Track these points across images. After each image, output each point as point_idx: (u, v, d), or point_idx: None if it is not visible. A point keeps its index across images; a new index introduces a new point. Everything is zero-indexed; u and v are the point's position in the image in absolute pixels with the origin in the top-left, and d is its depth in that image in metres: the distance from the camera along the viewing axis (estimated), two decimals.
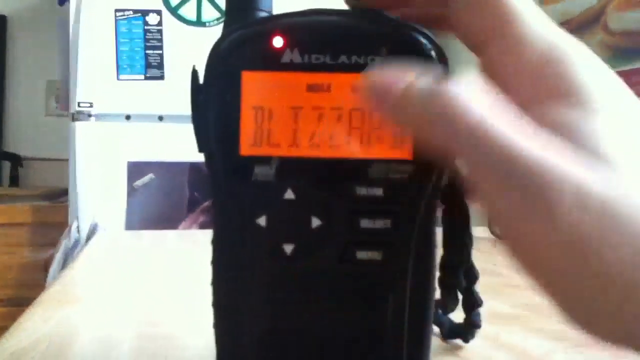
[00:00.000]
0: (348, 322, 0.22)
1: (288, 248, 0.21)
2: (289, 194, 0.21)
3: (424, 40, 0.21)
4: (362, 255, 0.21)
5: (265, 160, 0.21)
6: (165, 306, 0.39)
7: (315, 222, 0.21)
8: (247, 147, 0.21)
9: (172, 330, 0.33)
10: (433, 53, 0.21)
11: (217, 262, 0.23)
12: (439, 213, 0.23)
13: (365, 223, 0.21)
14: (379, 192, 0.21)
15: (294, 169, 0.21)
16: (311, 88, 0.21)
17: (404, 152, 0.21)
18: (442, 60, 0.21)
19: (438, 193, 0.22)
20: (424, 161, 0.21)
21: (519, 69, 0.18)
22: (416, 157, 0.21)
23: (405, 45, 0.21)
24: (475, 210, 0.25)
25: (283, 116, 0.21)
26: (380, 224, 0.21)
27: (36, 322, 0.34)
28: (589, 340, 0.16)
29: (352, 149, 0.21)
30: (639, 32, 1.10)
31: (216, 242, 0.23)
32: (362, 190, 0.21)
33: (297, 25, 0.21)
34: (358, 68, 0.21)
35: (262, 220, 0.21)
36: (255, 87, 0.21)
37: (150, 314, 0.37)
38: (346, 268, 0.21)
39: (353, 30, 0.21)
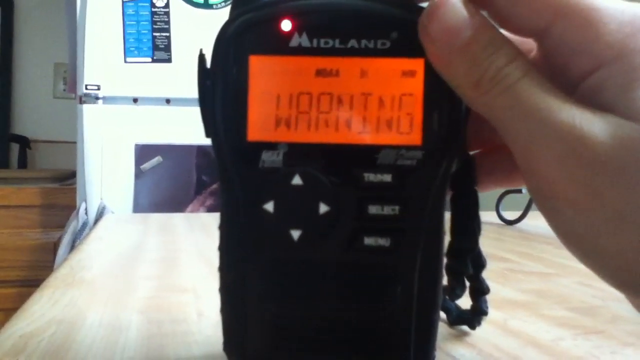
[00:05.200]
0: (355, 308, 0.22)
1: (295, 234, 0.21)
2: (297, 180, 0.21)
3: None
4: (369, 241, 0.21)
5: (272, 146, 0.21)
6: (172, 290, 0.39)
7: (323, 208, 0.21)
8: (254, 132, 0.21)
9: (179, 314, 0.33)
10: None
11: (224, 248, 0.23)
12: (447, 198, 0.23)
13: (373, 209, 0.21)
14: (387, 178, 0.21)
15: (302, 154, 0.21)
16: (320, 73, 0.21)
17: (413, 138, 0.21)
18: None
19: (448, 180, 0.22)
20: (433, 147, 0.21)
21: (599, 38, 0.18)
22: (426, 143, 0.21)
23: (416, 28, 0.20)
24: (483, 195, 0.25)
25: (291, 101, 0.21)
26: (388, 210, 0.21)
27: (44, 306, 0.34)
28: (597, 327, 0.17)
29: (361, 135, 0.21)
30: None
31: (223, 228, 0.22)
32: (370, 177, 0.21)
33: (306, 9, 0.21)
34: (368, 52, 0.20)
35: (269, 206, 0.21)
36: (263, 71, 0.21)
37: (158, 297, 0.37)
38: (354, 254, 0.21)
39: (363, 14, 0.21)
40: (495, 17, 0.20)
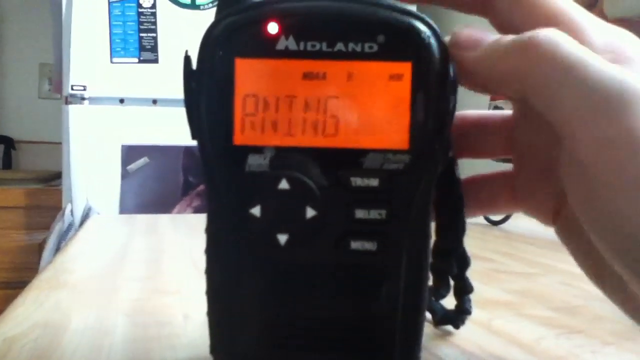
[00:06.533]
0: (342, 311, 0.22)
1: (282, 238, 0.21)
2: (284, 184, 0.21)
3: (422, 27, 0.20)
4: (356, 245, 0.21)
5: (259, 149, 0.21)
6: (158, 292, 0.39)
7: (310, 212, 0.21)
8: (240, 136, 0.21)
9: (165, 316, 0.33)
10: (432, 40, 0.20)
11: (211, 251, 0.23)
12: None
13: (360, 214, 0.21)
14: (374, 182, 0.21)
15: (288, 158, 0.21)
16: (307, 76, 0.21)
17: (400, 142, 0.21)
18: (441, 46, 0.20)
19: (434, 182, 0.22)
20: (420, 151, 0.21)
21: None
22: (412, 147, 0.21)
23: (404, 32, 0.20)
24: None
25: (277, 105, 0.21)
26: (375, 214, 0.21)
27: (29, 308, 0.34)
28: (578, 326, 0.16)
29: (348, 139, 0.21)
30: (636, 19, 1.09)
31: (210, 231, 0.22)
32: (357, 181, 0.21)
33: (293, 11, 0.21)
34: (355, 56, 0.20)
35: (256, 211, 0.21)
36: (249, 74, 0.21)
37: (143, 299, 0.37)
38: (340, 258, 0.21)
39: (350, 17, 0.21)
40: (495, 22, 0.21)
